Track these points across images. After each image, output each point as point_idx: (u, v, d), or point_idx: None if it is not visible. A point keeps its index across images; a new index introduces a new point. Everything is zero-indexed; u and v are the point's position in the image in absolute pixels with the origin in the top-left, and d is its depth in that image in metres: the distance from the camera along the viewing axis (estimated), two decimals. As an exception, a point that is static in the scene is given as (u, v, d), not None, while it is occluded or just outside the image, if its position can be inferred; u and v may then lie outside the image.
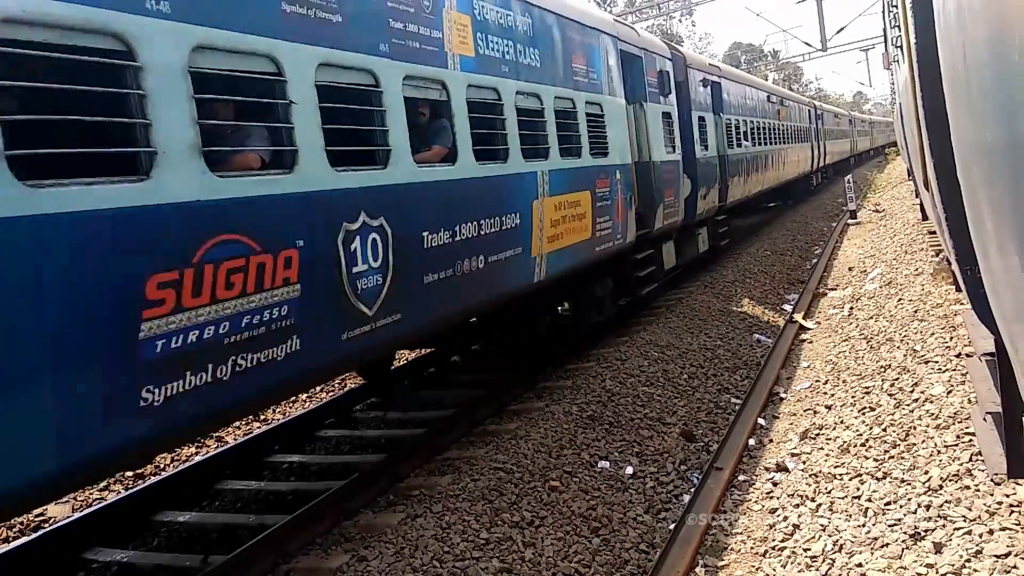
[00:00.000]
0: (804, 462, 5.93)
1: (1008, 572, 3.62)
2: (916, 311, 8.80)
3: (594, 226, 8.36)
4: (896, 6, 4.76)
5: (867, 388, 6.91)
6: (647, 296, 10.85)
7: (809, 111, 29.56)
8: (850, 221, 21.77)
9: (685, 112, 12.87)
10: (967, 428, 5.12)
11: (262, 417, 8.33)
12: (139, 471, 6.95)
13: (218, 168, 3.85)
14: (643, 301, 10.98)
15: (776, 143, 21.92)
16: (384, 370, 8.63)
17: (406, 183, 5.22)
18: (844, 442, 5.83)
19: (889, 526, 4.38)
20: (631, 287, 10.12)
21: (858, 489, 4.99)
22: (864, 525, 4.51)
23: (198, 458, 6.96)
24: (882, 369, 7.23)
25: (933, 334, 7.53)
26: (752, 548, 4.94)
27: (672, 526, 5.30)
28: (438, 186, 5.63)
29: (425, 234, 5.37)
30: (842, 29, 38.97)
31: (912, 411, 5.84)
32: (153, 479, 6.58)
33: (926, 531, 4.18)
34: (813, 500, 5.14)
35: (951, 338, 7.18)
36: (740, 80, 19.39)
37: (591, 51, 8.78)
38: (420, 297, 5.27)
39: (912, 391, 6.25)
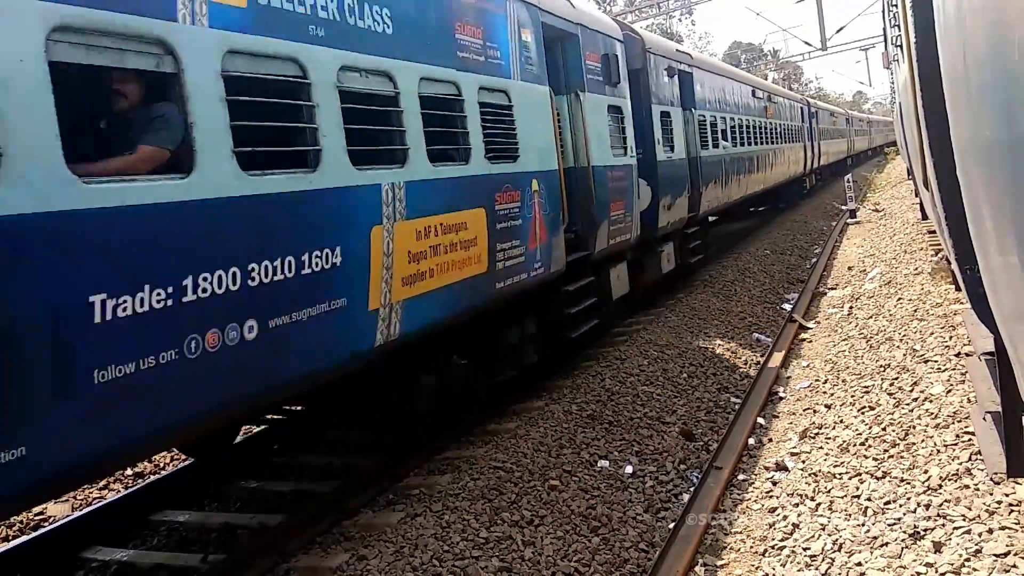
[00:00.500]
0: (804, 461, 5.94)
1: (1007, 571, 3.62)
2: (916, 310, 8.80)
3: (493, 255, 6.19)
4: (896, 5, 4.77)
5: (866, 387, 6.91)
6: (587, 336, 8.51)
7: (802, 109, 27.94)
8: (849, 220, 21.79)
9: (643, 106, 10.87)
10: (966, 427, 5.12)
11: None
12: (139, 471, 6.95)
13: None
14: (585, 339, 8.54)
15: (763, 143, 19.79)
16: (224, 444, 6.70)
17: (42, 212, 3.02)
18: (844, 441, 5.83)
19: (889, 525, 4.38)
20: (563, 326, 7.88)
21: (858, 488, 5.00)
22: (864, 524, 4.51)
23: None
24: (881, 368, 7.23)
25: (932, 333, 7.53)
26: (752, 547, 4.95)
27: (672, 525, 5.31)
28: (137, 214, 3.36)
29: (99, 299, 3.16)
30: (842, 28, 38.99)
31: (912, 410, 5.84)
32: (153, 478, 6.59)
33: (926, 530, 4.18)
34: (813, 499, 5.15)
35: (951, 337, 7.19)
36: (718, 71, 16.96)
37: (491, 20, 6.52)
38: (81, 411, 3.12)
39: (912, 390, 6.26)
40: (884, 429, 5.71)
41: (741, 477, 6.13)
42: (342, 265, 4.49)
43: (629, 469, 6.28)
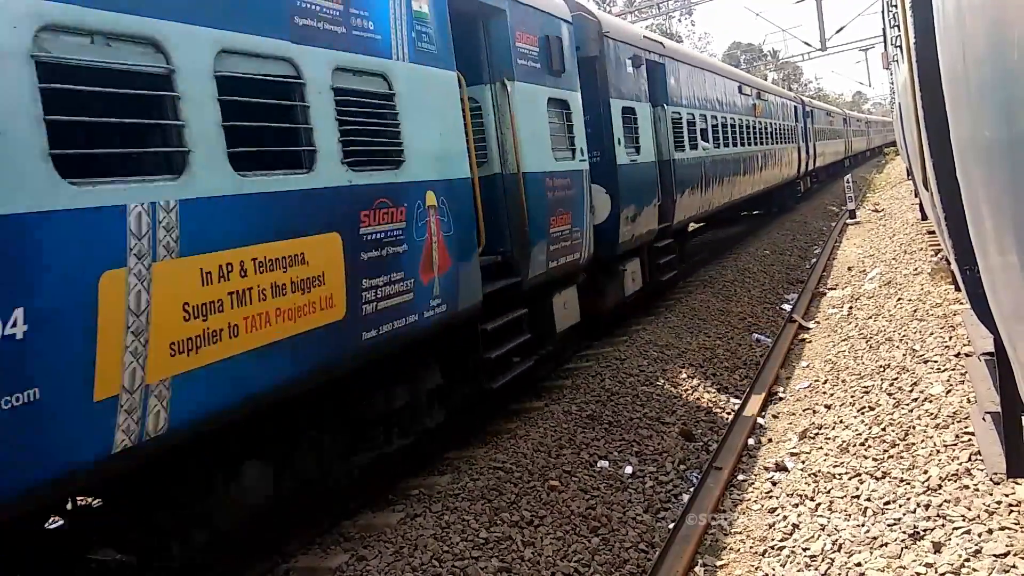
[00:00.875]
0: (803, 462, 5.94)
1: (1007, 571, 3.62)
2: (915, 311, 8.80)
3: (355, 296, 4.64)
4: (895, 6, 4.77)
5: (866, 388, 6.91)
6: (523, 381, 7.16)
7: (795, 108, 26.74)
8: (849, 221, 21.81)
9: (599, 100, 9.38)
10: (966, 427, 5.12)
11: None
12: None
13: None
14: (520, 385, 7.18)
15: (750, 144, 18.28)
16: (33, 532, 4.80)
17: None
18: (843, 441, 5.83)
19: (888, 525, 4.38)
20: (483, 374, 6.35)
21: (857, 488, 5.00)
22: (863, 524, 4.51)
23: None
24: (881, 369, 7.23)
25: (932, 334, 7.53)
26: (751, 547, 4.95)
27: (671, 525, 5.31)
28: None
29: None
30: (841, 29, 39.06)
31: (911, 411, 5.84)
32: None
33: (925, 530, 4.18)
34: (812, 499, 5.15)
35: (950, 338, 7.19)
36: (698, 64, 15.10)
37: None
38: None
39: (911, 391, 6.26)
40: (884, 429, 5.71)
41: (741, 477, 6.13)
42: (30, 338, 2.93)
43: (629, 469, 6.28)
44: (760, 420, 7.39)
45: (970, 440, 4.94)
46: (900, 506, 4.54)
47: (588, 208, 8.39)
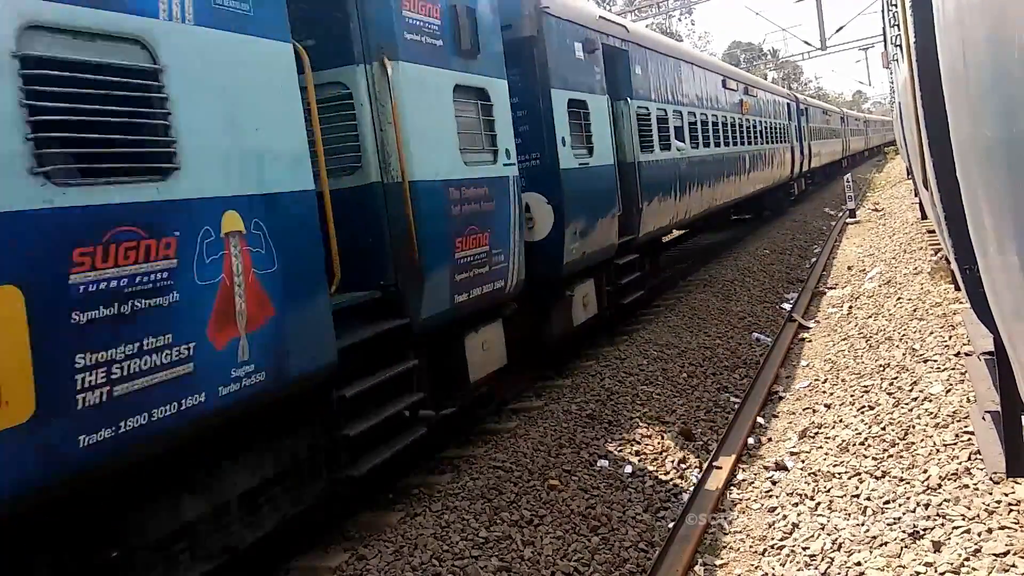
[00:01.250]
0: (803, 461, 5.94)
1: (1007, 571, 3.63)
2: (915, 310, 8.81)
3: (58, 383, 2.95)
4: (895, 5, 4.77)
5: (866, 387, 6.92)
6: (416, 454, 5.88)
7: (789, 105, 25.27)
8: (849, 220, 21.82)
9: (539, 91, 7.81)
10: (966, 427, 5.13)
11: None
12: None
13: None
14: (408, 462, 5.88)
15: (736, 144, 16.65)
16: None
17: None
18: (843, 441, 5.84)
19: (888, 525, 4.38)
20: (339, 458, 4.75)
21: (857, 488, 5.00)
22: (863, 524, 4.52)
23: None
24: (881, 368, 7.23)
25: (932, 333, 7.53)
26: (751, 547, 4.95)
27: (671, 525, 5.31)
28: None
29: None
30: (841, 28, 39.15)
31: (911, 410, 5.84)
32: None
33: (925, 530, 4.19)
34: (812, 499, 5.15)
35: (950, 337, 7.19)
36: (672, 53, 13.10)
37: None
38: None
39: (911, 390, 6.26)
40: (883, 429, 5.72)
41: (740, 477, 6.13)
42: None
43: (628, 468, 6.28)
44: (760, 419, 7.40)
45: (970, 439, 4.94)
46: (900, 505, 4.55)
47: (517, 223, 6.76)
